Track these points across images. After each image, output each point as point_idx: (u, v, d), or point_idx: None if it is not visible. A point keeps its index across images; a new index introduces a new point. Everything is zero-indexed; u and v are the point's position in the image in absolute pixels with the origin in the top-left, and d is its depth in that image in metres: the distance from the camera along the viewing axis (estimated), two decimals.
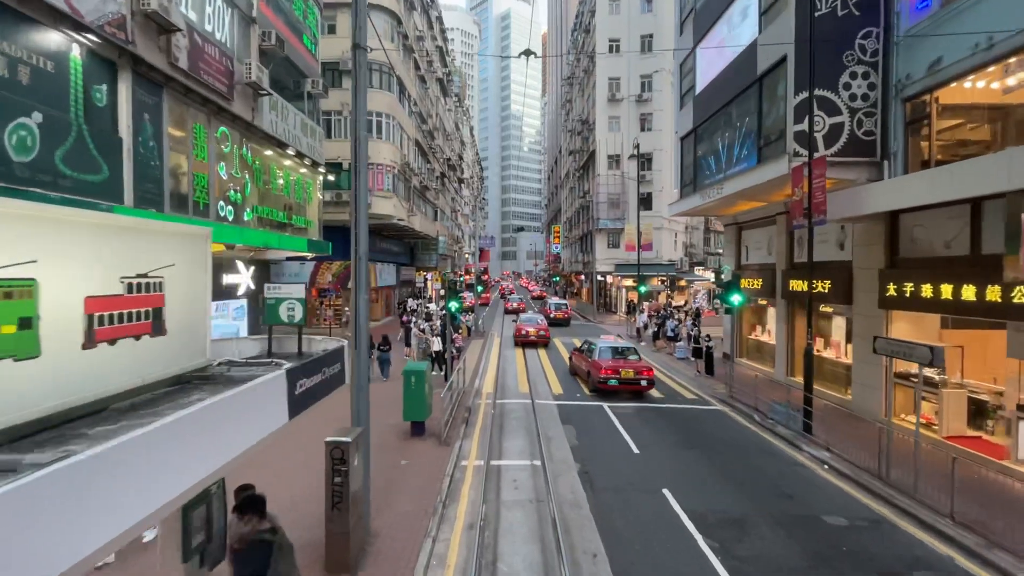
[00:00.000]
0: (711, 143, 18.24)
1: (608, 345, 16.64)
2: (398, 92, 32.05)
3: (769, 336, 19.11)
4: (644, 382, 15.20)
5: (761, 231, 18.82)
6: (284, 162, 16.16)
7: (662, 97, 38.58)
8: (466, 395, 15.00)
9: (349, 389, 7.18)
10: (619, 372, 15.16)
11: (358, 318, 7.01)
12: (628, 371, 15.20)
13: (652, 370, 15.82)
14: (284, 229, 16.87)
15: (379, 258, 34.27)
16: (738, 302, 15.75)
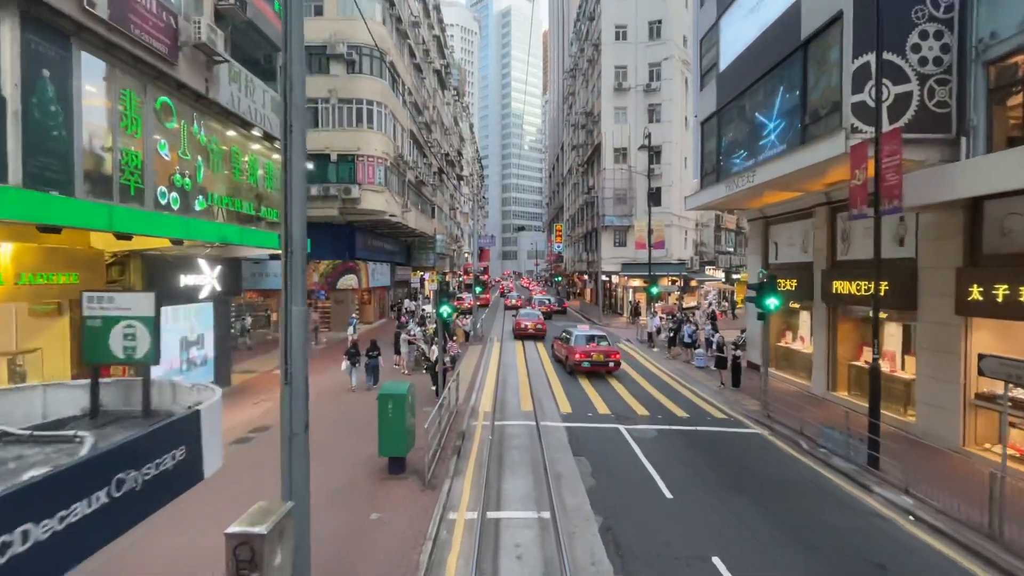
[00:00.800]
0: (739, 125, 16.11)
1: (582, 334, 19.13)
2: (390, 79, 29.94)
3: (802, 344, 16.99)
4: (611, 363, 17.92)
5: (794, 225, 16.69)
6: (252, 146, 14.05)
7: (672, 86, 36.45)
8: (460, 416, 12.89)
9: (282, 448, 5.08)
10: (591, 356, 17.78)
11: (289, 340, 4.89)
12: (599, 355, 17.82)
13: (618, 353, 18.62)
14: (255, 223, 14.76)
15: (372, 257, 32.19)
16: (774, 306, 13.62)
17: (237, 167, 13.02)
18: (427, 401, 14.18)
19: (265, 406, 14.11)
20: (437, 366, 13.68)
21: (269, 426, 12.22)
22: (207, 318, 15.37)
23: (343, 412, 13.22)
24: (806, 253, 16.00)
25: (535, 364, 20.15)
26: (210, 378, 15.59)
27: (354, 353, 16.42)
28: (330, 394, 15.67)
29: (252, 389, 16.21)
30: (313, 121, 27.07)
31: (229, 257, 15.96)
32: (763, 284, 13.64)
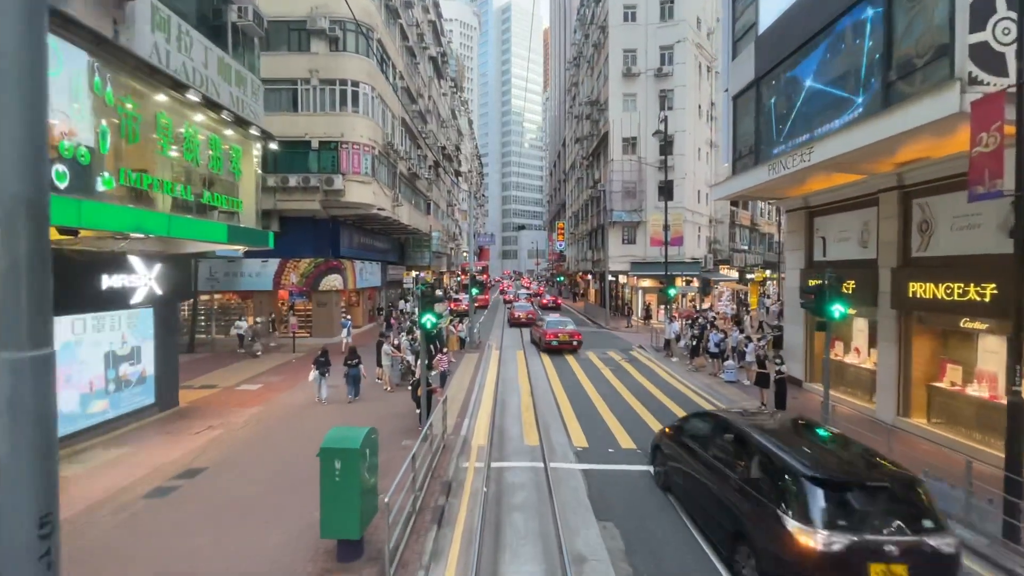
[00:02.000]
0: (786, 95, 13.44)
1: (554, 319, 24.51)
2: (379, 60, 27.25)
3: (858, 357, 14.32)
4: (575, 343, 22.11)
5: (849, 216, 14.01)
6: (193, 116, 11.37)
7: (685, 71, 33.75)
8: (447, 452, 10.22)
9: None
10: (558, 336, 22.01)
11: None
12: (564, 336, 22.11)
13: (580, 334, 22.81)
14: (206, 213, 12.10)
15: (360, 255, 29.52)
16: (840, 314, 10.95)
17: (166, 140, 10.32)
18: (409, 429, 11.53)
19: (210, 436, 11.45)
20: (420, 389, 11.01)
21: (204, 468, 9.55)
22: (144, 327, 12.72)
23: (301, 439, 10.55)
24: (866, 248, 13.33)
25: (539, 379, 17.48)
26: (149, 399, 12.96)
27: (323, 362, 14.12)
28: (293, 412, 13.02)
29: (203, 411, 13.55)
30: (292, 104, 24.43)
31: (174, 253, 13.31)
32: (824, 287, 10.96)
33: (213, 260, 24.49)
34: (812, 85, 12.26)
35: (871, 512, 5.26)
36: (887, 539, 5.04)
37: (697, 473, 7.31)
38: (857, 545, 5.00)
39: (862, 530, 5.09)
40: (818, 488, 5.33)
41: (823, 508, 5.22)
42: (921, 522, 5.27)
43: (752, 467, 6.17)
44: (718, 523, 6.67)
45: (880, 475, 5.64)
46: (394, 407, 13.58)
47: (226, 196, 12.62)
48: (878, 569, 4.93)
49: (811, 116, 12.35)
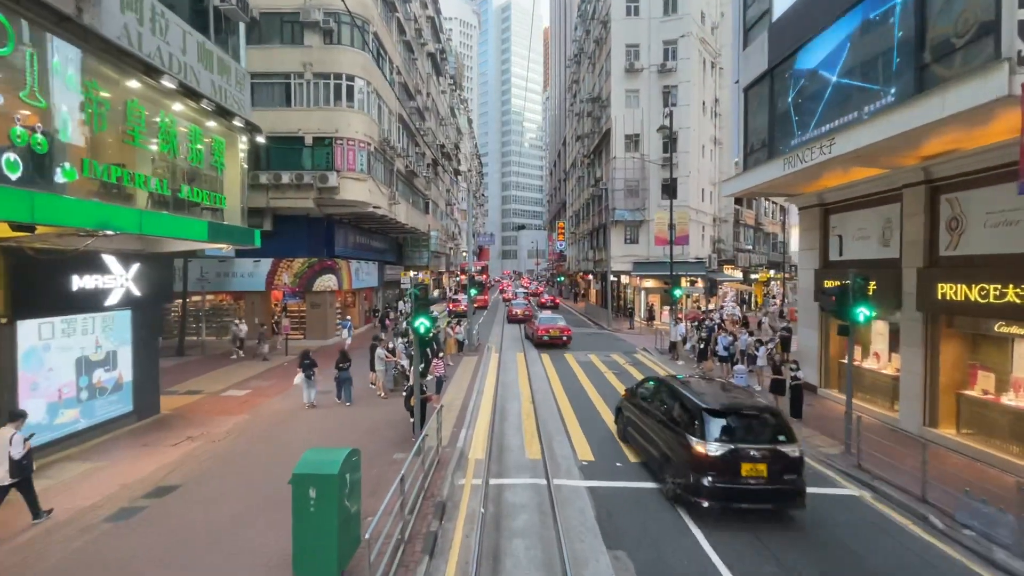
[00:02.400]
0: (804, 84, 12.68)
1: (546, 316, 25.61)
2: (375, 53, 26.49)
3: (877, 362, 13.55)
4: (564, 338, 23.53)
5: (869, 213, 13.25)
6: (170, 105, 10.61)
7: (689, 66, 32.97)
8: (442, 466, 9.45)
9: None
10: (549, 331, 23.49)
11: None
12: (555, 331, 23.53)
13: (570, 329, 24.37)
14: (183, 208, 11.33)
15: (356, 254, 28.78)
16: (865, 317, 10.20)
17: (139, 130, 9.55)
18: (402, 440, 10.77)
19: (187, 448, 10.68)
20: (412, 399, 10.25)
21: (176, 486, 8.78)
22: (121, 330, 11.96)
23: (285, 453, 9.78)
24: (888, 247, 12.57)
25: (541, 384, 16.71)
26: (126, 407, 12.19)
27: (309, 364, 13.48)
28: (280, 422, 12.24)
29: (185, 419, 12.79)
30: (285, 98, 23.66)
31: (154, 252, 12.55)
32: (849, 288, 10.21)
33: (204, 260, 23.71)
34: (833, 72, 11.50)
35: (744, 430, 7.80)
36: (753, 447, 7.58)
37: (643, 423, 9.86)
38: (733, 451, 7.52)
39: (737, 441, 7.59)
40: (709, 415, 7.86)
41: (711, 428, 7.73)
42: (777, 437, 7.76)
43: (674, 410, 8.70)
44: (654, 454, 9.11)
45: (753, 407, 8.21)
46: (387, 415, 12.82)
47: (208, 191, 11.84)
48: (747, 467, 7.47)
49: (832, 105, 11.60)
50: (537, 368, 19.07)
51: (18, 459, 7.21)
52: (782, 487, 7.53)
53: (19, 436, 7.31)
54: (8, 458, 7.14)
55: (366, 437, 11.14)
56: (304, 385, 13.49)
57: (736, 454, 7.48)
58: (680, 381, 9.66)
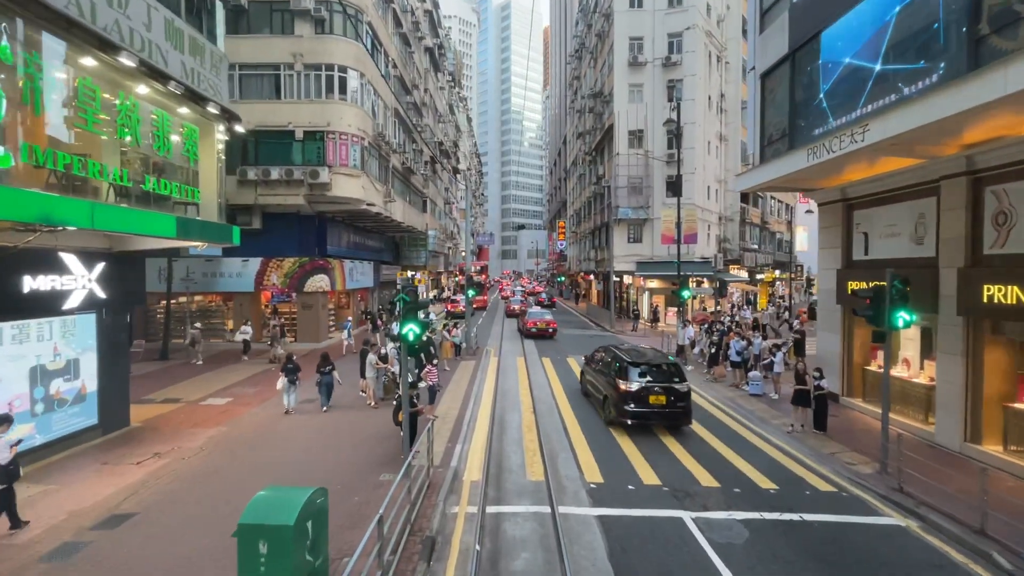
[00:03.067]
0: (833, 66, 11.64)
1: (535, 311, 29.22)
2: (370, 45, 25.46)
3: (907, 370, 12.52)
4: (550, 330, 26.61)
5: (898, 208, 12.22)
6: (134, 87, 9.57)
7: (694, 60, 31.94)
8: (433, 490, 8.41)
9: None
10: (537, 324, 26.61)
11: None
12: (542, 324, 26.65)
13: (556, 322, 27.67)
14: (149, 202, 10.30)
15: (350, 254, 27.75)
16: (905, 323, 9.17)
17: (92, 112, 8.51)
18: (391, 457, 9.74)
19: (153, 467, 9.65)
20: (400, 413, 9.23)
21: (131, 515, 7.75)
22: (84, 336, 10.93)
23: (262, 473, 8.75)
24: (922, 245, 11.54)
25: (542, 391, 15.69)
26: (89, 420, 11.16)
27: (292, 369, 12.98)
28: (259, 435, 11.17)
29: (156, 432, 11.76)
30: (274, 90, 22.62)
31: (122, 251, 11.52)
32: (886, 291, 9.18)
33: (190, 259, 22.70)
34: (866, 52, 10.47)
35: (652, 375, 11.61)
36: (657, 384, 11.42)
37: (595, 379, 13.71)
38: (644, 387, 11.38)
39: (647, 382, 11.43)
40: (631, 367, 11.76)
41: (631, 374, 11.59)
42: (673, 379, 11.59)
43: (612, 366, 12.37)
44: (599, 397, 13.00)
45: (658, 361, 12.29)
46: (376, 427, 11.79)
47: (178, 184, 10.79)
48: (653, 398, 11.34)
49: (864, 88, 10.57)
50: (538, 373, 18.04)
51: (4, 464, 7.01)
52: (675, 410, 11.59)
53: (4, 441, 7.09)
54: None
55: (351, 454, 10.11)
56: (286, 390, 12.90)
57: (646, 390, 11.49)
58: (616, 348, 13.68)
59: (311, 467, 9.50)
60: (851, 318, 13.97)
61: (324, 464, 9.62)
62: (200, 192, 11.80)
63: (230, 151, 22.18)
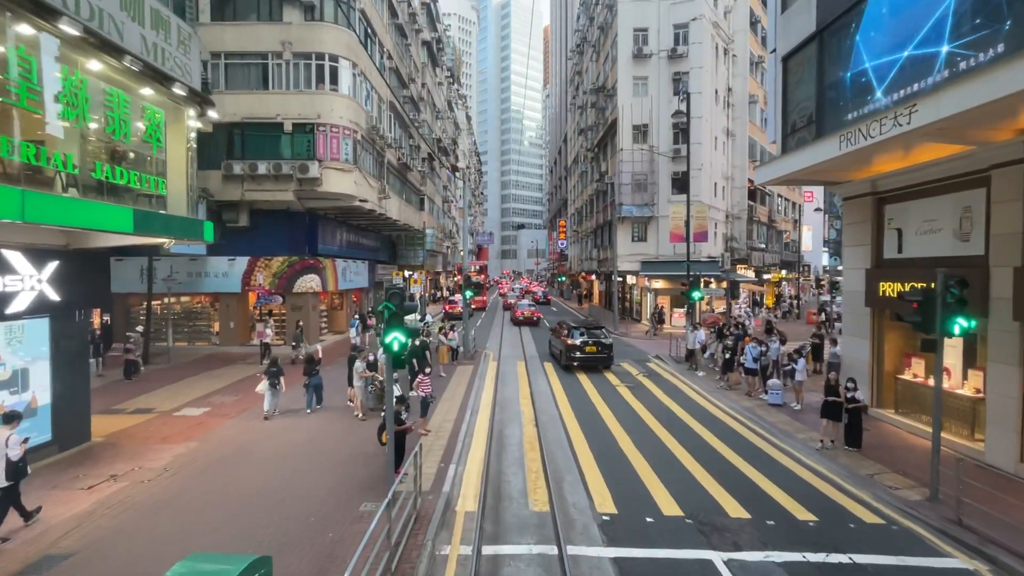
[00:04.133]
0: (872, 41, 10.51)
1: (523, 303, 35.96)
2: (363, 34, 24.34)
3: (947, 379, 11.34)
4: (535, 318, 32.51)
5: (938, 201, 11.09)
6: (83, 62, 8.41)
7: (701, 51, 30.79)
8: (421, 524, 7.27)
9: None
10: (523, 313, 32.35)
11: None
12: (527, 312, 32.49)
13: (539, 312, 34.64)
14: (103, 194, 9.17)
15: (343, 252, 26.63)
16: (962, 330, 8.03)
17: (26, 88, 7.35)
18: (375, 480, 8.60)
19: (107, 492, 8.52)
20: (385, 433, 8.09)
21: (66, 556, 6.61)
22: (34, 343, 9.78)
23: (231, 499, 7.62)
24: (967, 242, 10.41)
25: (545, 401, 14.57)
26: (42, 436, 10.01)
27: (275, 372, 12.53)
28: (232, 453, 9.94)
29: (119, 448, 10.62)
30: (262, 80, 21.47)
31: (80, 248, 10.38)
32: (937, 294, 8.04)
33: (174, 258, 21.54)
34: (911, 22, 9.34)
35: (588, 334, 18.83)
36: (590, 340, 18.47)
37: (554, 342, 21.15)
38: (583, 342, 18.39)
39: (585, 337, 18.61)
40: (575, 330, 19.05)
41: (575, 334, 18.77)
42: (602, 336, 18.90)
43: (563, 331, 19.55)
44: (556, 352, 20.32)
45: (592, 326, 20.27)
46: (361, 443, 10.65)
47: (137, 173, 9.64)
48: (588, 348, 18.29)
49: (909, 65, 9.44)
50: (540, 382, 16.90)
51: (15, 460, 7.15)
52: (602, 355, 18.31)
53: (16, 437, 7.24)
54: (5, 459, 7.06)
55: (330, 477, 8.97)
56: (268, 394, 12.40)
57: (584, 343, 18.13)
58: (567, 321, 20.77)
59: (283, 493, 8.36)
60: (881, 322, 12.85)
61: (299, 489, 8.49)
62: (167, 183, 10.65)
63: (215, 144, 21.17)
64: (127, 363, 16.50)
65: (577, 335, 18.43)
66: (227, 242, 21.55)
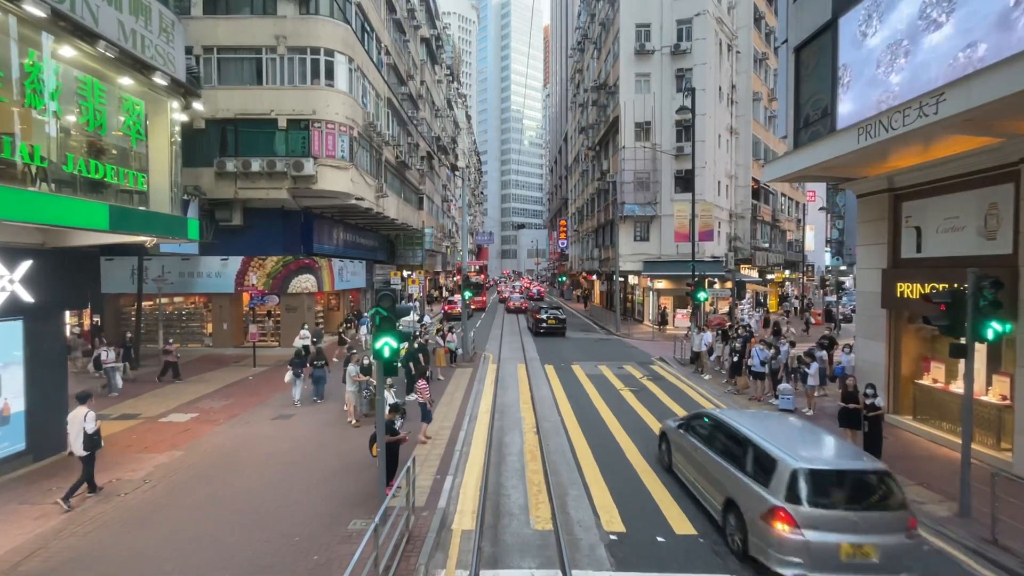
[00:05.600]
0: (892, 27, 9.97)
1: (515, 296, 45.08)
2: (360, 29, 23.80)
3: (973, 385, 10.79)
4: (523, 308, 38.53)
5: (961, 197, 10.54)
6: (53, 48, 7.85)
7: (704, 48, 30.23)
8: (414, 544, 6.72)
9: None
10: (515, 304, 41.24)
11: None
12: (518, 303, 41.38)
13: (527, 303, 39.87)
14: (76, 189, 8.62)
15: (339, 252, 26.05)
16: (996, 334, 7.49)
17: None
18: (366, 496, 8.05)
19: (77, 509, 7.94)
20: (375, 446, 7.55)
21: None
22: (8, 347, 9.26)
23: (212, 517, 7.06)
24: (993, 241, 9.86)
25: (546, 407, 14.03)
26: (15, 445, 9.48)
27: (299, 363, 13.63)
28: (218, 462, 9.36)
29: (101, 457, 9.97)
30: (255, 76, 20.92)
31: (57, 247, 9.83)
32: (968, 296, 7.49)
33: (165, 257, 21.04)
34: (935, 5, 8.80)
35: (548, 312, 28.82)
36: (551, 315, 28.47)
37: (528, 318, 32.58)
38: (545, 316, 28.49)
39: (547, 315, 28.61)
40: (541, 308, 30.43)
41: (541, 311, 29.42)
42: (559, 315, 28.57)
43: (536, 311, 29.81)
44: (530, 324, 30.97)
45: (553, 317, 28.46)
46: (353, 452, 10.10)
47: (114, 167, 9.09)
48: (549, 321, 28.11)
49: (934, 52, 8.89)
50: (542, 385, 16.35)
51: (91, 433, 8.05)
52: (559, 327, 27.83)
53: (92, 413, 8.13)
54: (83, 433, 7.98)
55: (319, 490, 8.42)
56: (293, 383, 13.49)
57: (547, 318, 27.59)
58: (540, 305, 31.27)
59: (268, 508, 7.81)
60: (898, 324, 12.30)
61: (285, 505, 7.94)
62: (149, 178, 10.10)
63: (208, 141, 20.65)
64: (165, 364, 16.33)
65: (543, 312, 28.04)
66: (220, 241, 21.05)
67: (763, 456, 6.51)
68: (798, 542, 5.68)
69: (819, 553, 5.64)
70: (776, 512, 5.87)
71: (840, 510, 5.89)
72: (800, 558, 5.67)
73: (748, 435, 7.04)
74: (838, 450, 6.89)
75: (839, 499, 5.98)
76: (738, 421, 7.67)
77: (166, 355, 16.40)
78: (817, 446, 6.95)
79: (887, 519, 5.95)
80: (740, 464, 6.85)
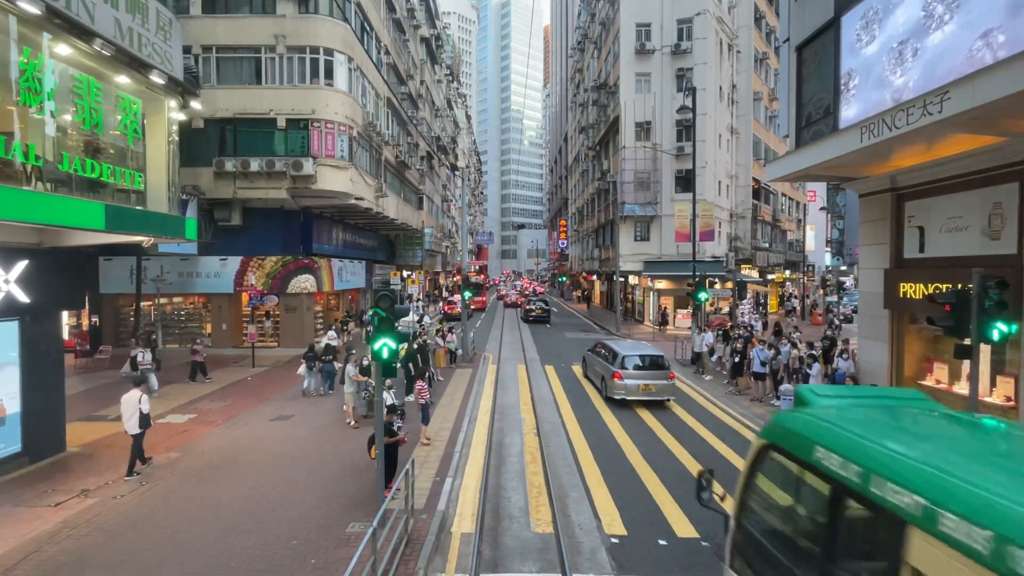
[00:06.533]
0: (898, 23, 9.90)
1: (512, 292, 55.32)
2: (360, 28, 23.73)
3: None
4: (517, 303, 46.34)
5: (965, 197, 10.44)
6: (50, 46, 7.77)
7: (705, 47, 30.15)
8: (413, 547, 6.64)
9: None
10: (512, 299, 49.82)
11: None
12: (515, 299, 49.19)
13: (522, 299, 46.08)
14: (72, 188, 8.53)
15: (339, 252, 25.96)
16: (1002, 335, 7.40)
17: None
18: (364, 498, 7.96)
19: (76, 509, 7.89)
20: (373, 449, 7.46)
21: None
22: (4, 347, 9.17)
23: (206, 521, 6.98)
24: (997, 240, 9.77)
25: (547, 408, 13.94)
26: (11, 447, 9.41)
27: (312, 357, 14.68)
28: (213, 465, 9.28)
29: (95, 459, 10.03)
30: (254, 75, 20.84)
31: (53, 247, 9.75)
32: (973, 296, 7.42)
33: (164, 257, 20.96)
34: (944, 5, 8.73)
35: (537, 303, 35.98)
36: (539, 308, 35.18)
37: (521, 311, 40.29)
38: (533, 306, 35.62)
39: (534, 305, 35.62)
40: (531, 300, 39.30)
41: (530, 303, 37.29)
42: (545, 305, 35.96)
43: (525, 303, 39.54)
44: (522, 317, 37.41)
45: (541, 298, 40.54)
46: (352, 454, 10.02)
47: (112, 166, 9.00)
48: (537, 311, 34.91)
49: (941, 49, 8.82)
50: (542, 384, 16.28)
51: (146, 413, 9.11)
52: (545, 316, 34.48)
53: (146, 396, 9.23)
54: (139, 412, 8.98)
55: (316, 493, 8.34)
56: (307, 375, 14.45)
57: (534, 307, 34.62)
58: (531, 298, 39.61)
59: (265, 511, 7.73)
60: (901, 325, 12.21)
61: (282, 507, 7.86)
62: (146, 178, 10.02)
63: (207, 141, 20.57)
64: (193, 364, 16.32)
65: (531, 304, 35.37)
66: (219, 241, 20.99)
67: (614, 353, 14.10)
68: (622, 383, 13.34)
69: (631, 388, 13.34)
70: (615, 374, 13.50)
71: (640, 370, 13.50)
72: (623, 391, 13.36)
73: (612, 346, 14.77)
74: (643, 348, 14.68)
75: (640, 366, 13.61)
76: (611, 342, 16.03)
77: (194, 355, 16.36)
78: (635, 348, 14.62)
79: (660, 374, 13.60)
80: (608, 360, 14.33)
